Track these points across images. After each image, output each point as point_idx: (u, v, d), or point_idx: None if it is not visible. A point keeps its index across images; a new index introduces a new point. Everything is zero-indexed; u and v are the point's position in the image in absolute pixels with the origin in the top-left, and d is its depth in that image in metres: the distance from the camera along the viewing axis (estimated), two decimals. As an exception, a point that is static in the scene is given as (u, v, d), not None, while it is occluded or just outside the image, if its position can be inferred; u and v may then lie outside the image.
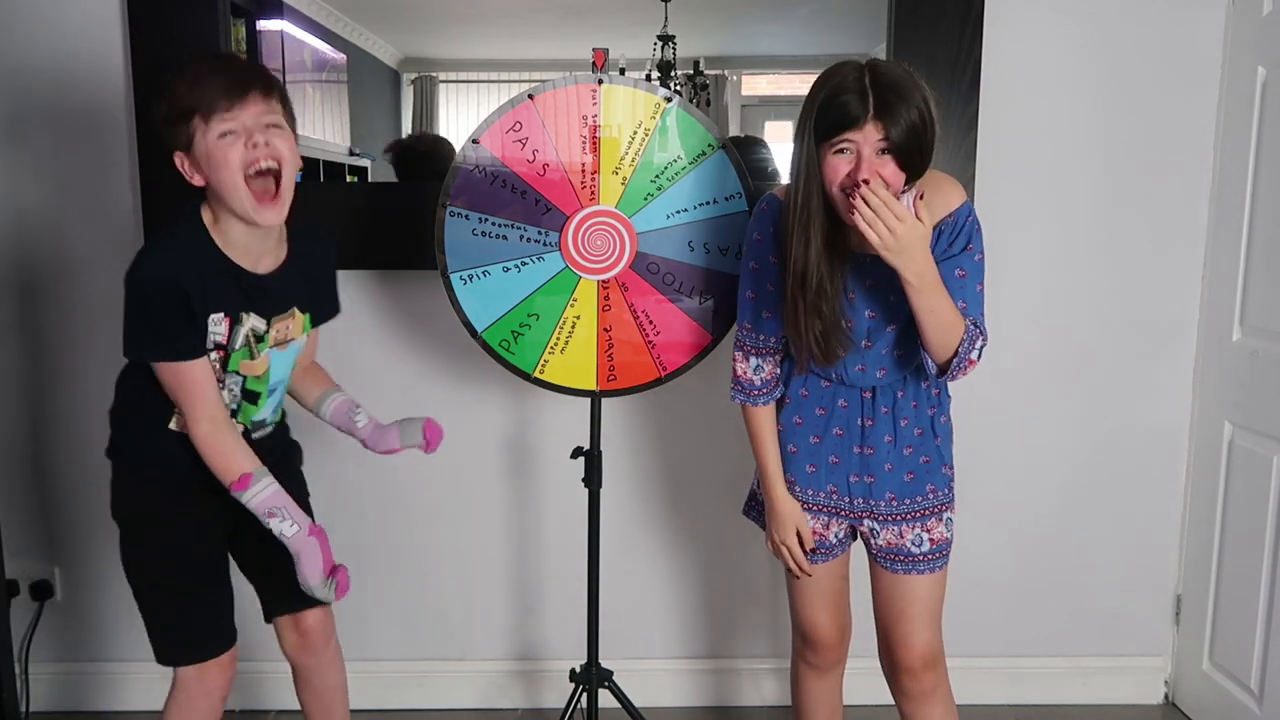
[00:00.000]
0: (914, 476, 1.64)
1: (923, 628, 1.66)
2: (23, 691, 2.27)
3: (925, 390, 1.63)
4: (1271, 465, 2.05)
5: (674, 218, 1.80)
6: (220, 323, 1.49)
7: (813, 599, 1.73)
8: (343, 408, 1.76)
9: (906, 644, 1.67)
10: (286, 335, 1.59)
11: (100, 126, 2.14)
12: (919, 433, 1.63)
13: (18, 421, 2.26)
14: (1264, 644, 2.08)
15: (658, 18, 2.17)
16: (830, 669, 1.79)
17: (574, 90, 1.75)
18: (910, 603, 1.66)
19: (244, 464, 1.51)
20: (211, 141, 1.41)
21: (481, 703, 2.39)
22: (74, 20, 2.09)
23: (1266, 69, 2.06)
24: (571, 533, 2.19)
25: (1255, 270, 2.11)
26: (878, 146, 1.41)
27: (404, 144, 2.37)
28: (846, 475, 1.65)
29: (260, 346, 1.55)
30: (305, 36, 2.29)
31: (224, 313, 1.49)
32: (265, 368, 1.57)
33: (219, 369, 1.53)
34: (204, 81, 1.42)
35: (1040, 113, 2.18)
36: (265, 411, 1.63)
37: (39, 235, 2.18)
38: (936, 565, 1.66)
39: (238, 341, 1.52)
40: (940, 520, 1.65)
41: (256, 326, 1.53)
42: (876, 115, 1.39)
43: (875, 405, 1.62)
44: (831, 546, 1.70)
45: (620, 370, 1.84)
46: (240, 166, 1.42)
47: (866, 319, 1.56)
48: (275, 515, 1.51)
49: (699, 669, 2.39)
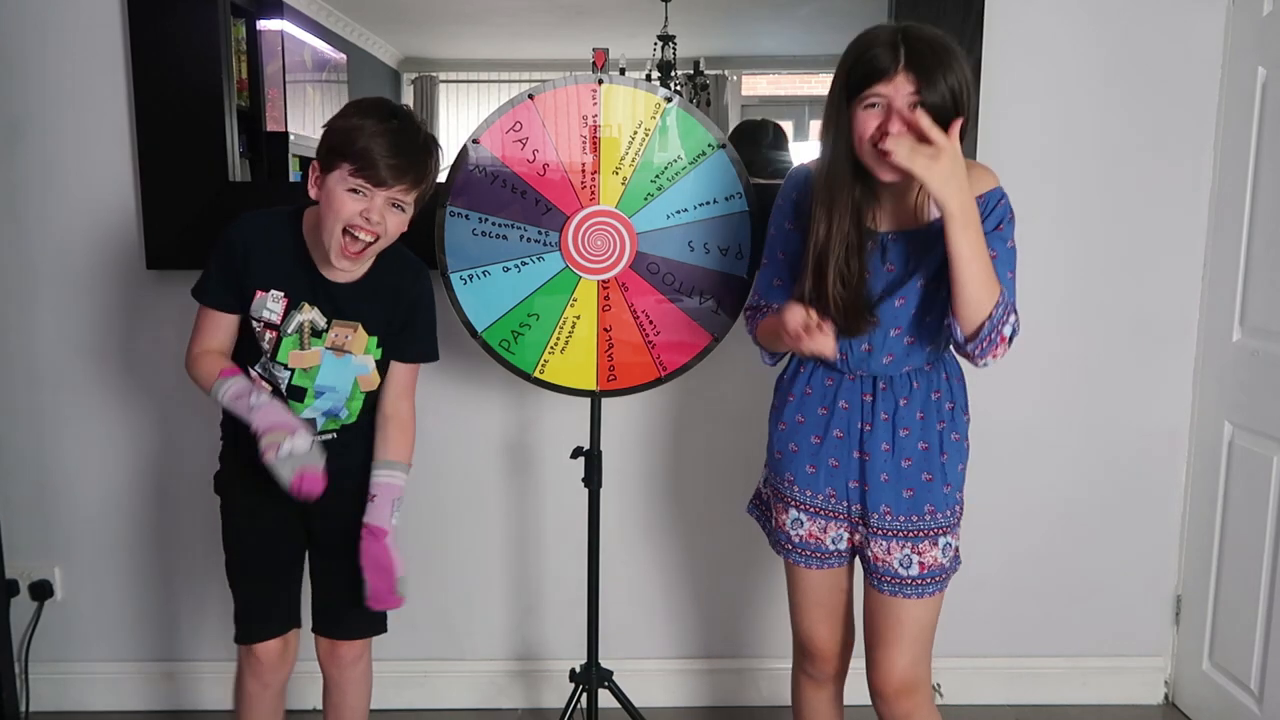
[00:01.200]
0: (913, 493, 1.56)
1: (900, 654, 1.59)
2: (23, 691, 2.27)
3: (935, 403, 1.56)
4: (1271, 465, 2.05)
5: (674, 218, 1.80)
6: (278, 300, 1.59)
7: (811, 610, 1.69)
8: (393, 491, 1.68)
9: (881, 668, 1.61)
10: (345, 344, 1.63)
11: (100, 128, 2.14)
12: (923, 446, 1.55)
13: (18, 421, 2.26)
14: (1264, 644, 2.08)
15: (658, 18, 2.18)
16: (829, 680, 1.75)
17: (574, 90, 1.76)
18: (890, 626, 1.59)
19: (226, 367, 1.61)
20: (340, 186, 1.52)
21: (481, 703, 2.39)
22: (74, 21, 2.09)
23: (1266, 69, 2.06)
24: (571, 533, 2.19)
25: (1255, 270, 2.11)
26: (909, 100, 1.36)
27: None
28: (846, 480, 1.59)
29: (315, 342, 1.61)
30: (305, 36, 2.29)
31: (284, 292, 1.59)
32: (315, 363, 1.62)
33: (268, 356, 1.61)
34: (376, 144, 1.50)
35: (1040, 113, 2.18)
36: (313, 413, 1.65)
37: (39, 235, 2.18)
38: (925, 591, 1.57)
39: (290, 326, 1.59)
40: (935, 545, 1.57)
41: (316, 321, 1.61)
42: (908, 66, 1.35)
43: (875, 410, 1.55)
44: (829, 554, 1.64)
45: (620, 370, 1.84)
46: (345, 220, 1.53)
47: (879, 293, 1.51)
48: (245, 395, 1.57)
49: (699, 669, 2.39)
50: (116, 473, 2.27)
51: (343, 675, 1.79)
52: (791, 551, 1.67)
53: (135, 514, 2.28)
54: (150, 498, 2.27)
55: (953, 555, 1.60)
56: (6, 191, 2.17)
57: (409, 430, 1.74)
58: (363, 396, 1.69)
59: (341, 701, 1.82)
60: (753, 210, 1.78)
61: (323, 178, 1.54)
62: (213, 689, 2.30)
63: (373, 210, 1.52)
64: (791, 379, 1.65)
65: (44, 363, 2.24)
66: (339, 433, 1.70)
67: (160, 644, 2.34)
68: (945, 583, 1.60)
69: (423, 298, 1.71)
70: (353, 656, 1.78)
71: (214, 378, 1.59)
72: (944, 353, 1.59)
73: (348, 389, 1.66)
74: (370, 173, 1.50)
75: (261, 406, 1.55)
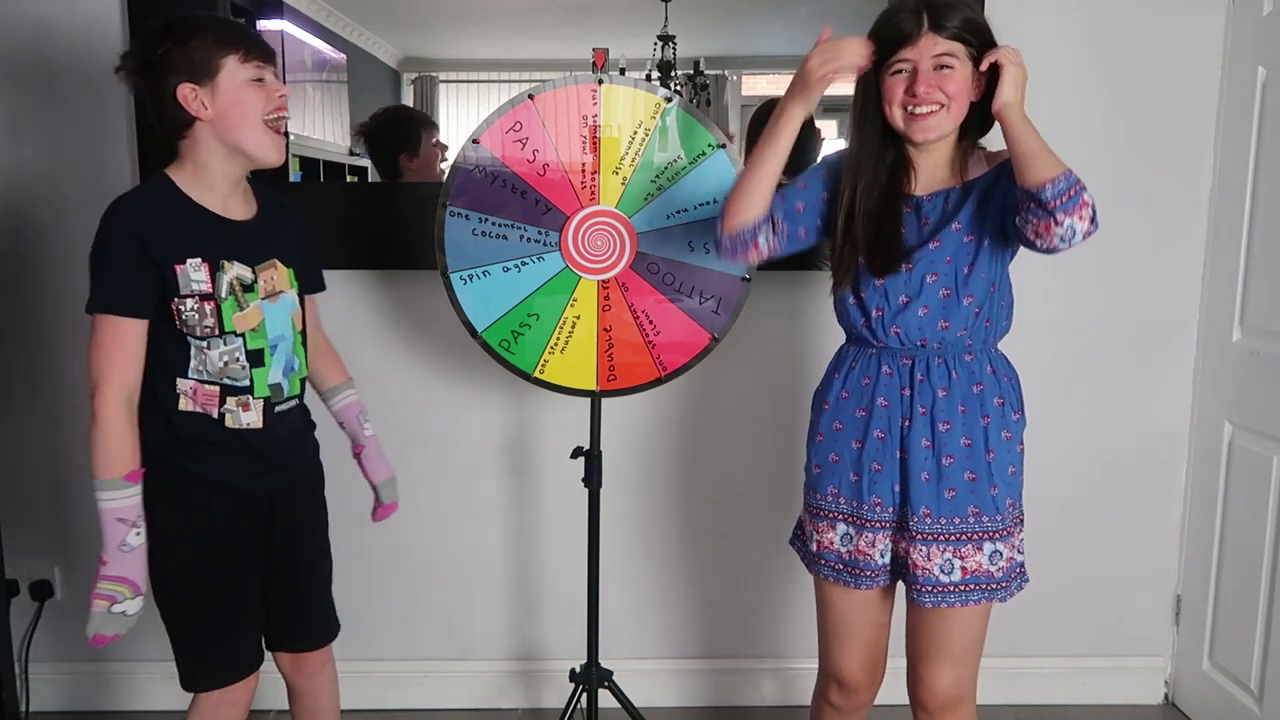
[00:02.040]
0: (956, 494, 1.49)
1: (943, 670, 1.54)
2: (23, 691, 2.26)
3: (978, 396, 1.50)
4: (1271, 465, 2.05)
5: (674, 218, 1.80)
6: (199, 268, 1.49)
7: (844, 645, 1.63)
8: (354, 409, 1.80)
9: (925, 684, 1.56)
10: (274, 286, 1.59)
11: (100, 128, 2.14)
12: (966, 443, 1.49)
13: (17, 421, 2.26)
14: (1264, 644, 2.08)
15: (658, 18, 2.17)
16: (855, 711, 1.68)
17: (574, 90, 1.76)
18: (934, 641, 1.54)
19: (137, 459, 1.48)
20: (240, 82, 1.49)
21: (481, 703, 2.39)
22: (74, 21, 2.09)
23: (1266, 69, 2.06)
24: (571, 533, 2.19)
25: (1255, 270, 2.11)
26: (935, 61, 1.42)
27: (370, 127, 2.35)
28: (890, 484, 1.52)
29: (249, 297, 1.54)
30: (305, 36, 2.29)
31: (201, 258, 1.49)
32: (259, 320, 1.56)
33: (215, 331, 1.51)
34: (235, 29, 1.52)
35: (1040, 112, 2.14)
36: (276, 373, 1.59)
37: (40, 235, 2.18)
38: (969, 599, 1.50)
39: (223, 289, 1.51)
40: (980, 550, 1.50)
41: (242, 275, 1.54)
42: (932, 28, 1.41)
43: (914, 404, 1.50)
44: (874, 571, 1.55)
45: (620, 370, 1.84)
46: (263, 114, 1.51)
47: (913, 245, 1.50)
48: (138, 527, 1.48)
49: (699, 669, 2.39)
50: (116, 473, 2.27)
51: (313, 682, 1.77)
52: (830, 569, 1.60)
53: (135, 514, 2.28)
54: (150, 498, 2.27)
55: (1004, 567, 1.51)
56: (7, 191, 2.17)
57: (335, 355, 1.81)
58: (301, 339, 1.65)
59: (316, 706, 1.80)
60: None
61: (204, 92, 1.47)
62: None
63: (279, 87, 1.53)
64: (826, 387, 1.62)
65: (44, 363, 2.24)
66: (294, 414, 1.65)
67: (160, 644, 2.33)
68: (994, 594, 1.52)
69: (300, 220, 1.71)
70: (320, 663, 1.77)
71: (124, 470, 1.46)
72: (990, 348, 1.55)
73: (290, 333, 1.62)
74: (261, 50, 1.50)
75: (131, 551, 1.47)
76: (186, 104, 1.47)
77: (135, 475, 1.47)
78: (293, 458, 1.65)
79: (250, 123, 1.50)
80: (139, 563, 1.49)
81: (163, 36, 1.47)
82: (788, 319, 2.26)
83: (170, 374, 1.51)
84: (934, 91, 1.43)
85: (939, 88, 1.43)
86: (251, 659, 1.63)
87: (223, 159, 1.52)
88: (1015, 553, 1.54)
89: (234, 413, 1.54)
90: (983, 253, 1.48)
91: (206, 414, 1.53)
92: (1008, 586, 1.54)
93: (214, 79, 1.47)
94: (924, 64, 1.42)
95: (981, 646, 1.57)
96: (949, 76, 1.43)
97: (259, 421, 1.56)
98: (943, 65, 1.43)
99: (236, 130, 1.50)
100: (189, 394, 1.52)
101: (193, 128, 1.50)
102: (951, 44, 1.42)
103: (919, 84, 1.42)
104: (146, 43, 1.48)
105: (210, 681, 1.60)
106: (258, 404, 1.56)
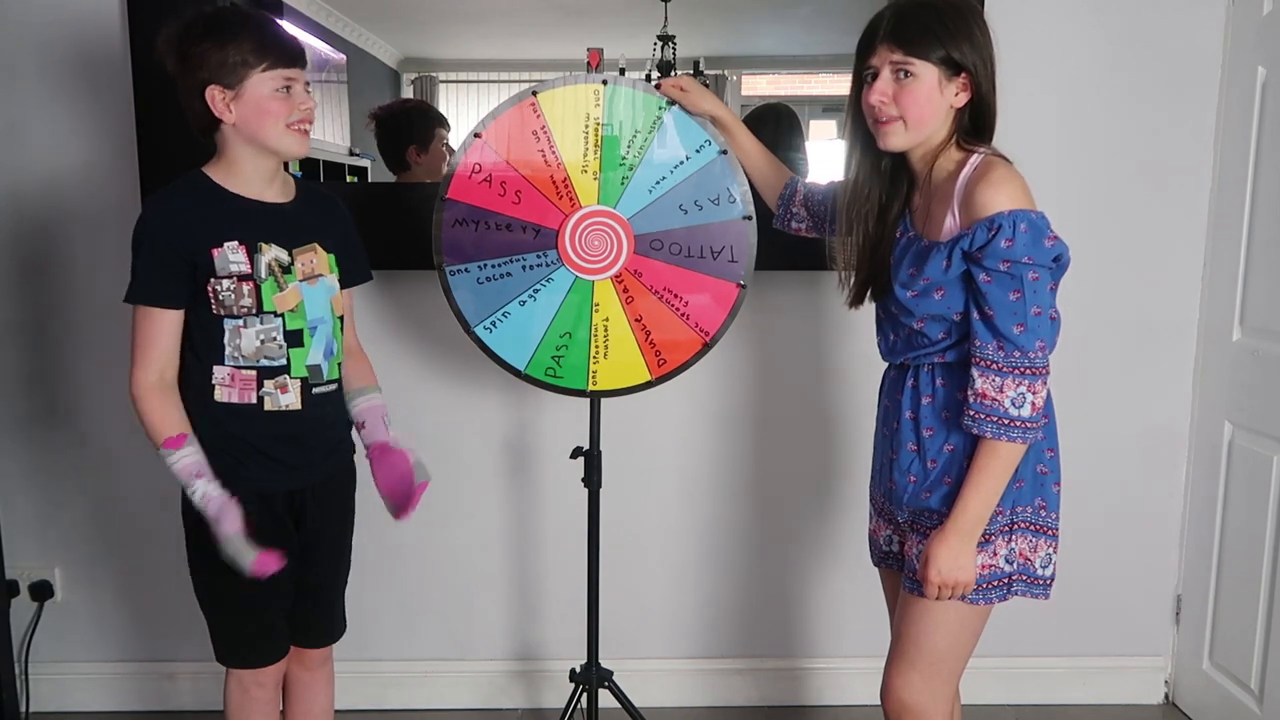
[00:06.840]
0: (931, 496, 1.46)
1: (896, 670, 1.49)
2: (23, 691, 2.27)
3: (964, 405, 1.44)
4: (1271, 465, 2.05)
5: (655, 189, 1.79)
6: (237, 250, 1.53)
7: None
8: (378, 410, 1.77)
9: (882, 682, 1.51)
10: (313, 269, 1.61)
11: (100, 128, 2.14)
12: (949, 449, 1.45)
13: (17, 420, 2.26)
14: (1264, 644, 2.08)
15: (657, 18, 2.17)
16: None
17: (518, 112, 1.76)
18: (896, 636, 1.51)
19: (181, 424, 1.52)
20: (265, 94, 1.51)
21: (481, 703, 2.39)
22: (74, 21, 2.09)
23: (1266, 69, 2.06)
24: (571, 533, 2.19)
25: (1255, 270, 2.11)
26: (893, 69, 1.40)
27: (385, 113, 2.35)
28: (886, 478, 1.56)
29: (288, 278, 1.57)
30: (305, 36, 2.29)
31: (238, 240, 1.53)
32: (298, 300, 1.58)
33: (253, 309, 1.54)
34: (265, 33, 1.52)
35: (1040, 113, 2.18)
36: (317, 354, 1.61)
37: (40, 235, 2.18)
38: (915, 588, 1.44)
39: (262, 270, 1.54)
40: None
41: (280, 257, 1.57)
42: (888, 36, 1.39)
43: (903, 408, 1.50)
44: (886, 555, 1.63)
45: (666, 351, 1.83)
46: (286, 121, 1.54)
47: None
48: (203, 476, 1.51)
49: (699, 669, 2.39)
50: (116, 473, 2.27)
51: (313, 676, 1.80)
52: (872, 554, 1.69)
53: (135, 515, 2.28)
54: (150, 498, 2.26)
55: (983, 572, 1.42)
56: (7, 192, 2.17)
57: (364, 357, 1.80)
58: (339, 324, 1.67)
59: (313, 701, 1.82)
60: (723, 149, 1.77)
61: (231, 95, 1.50)
62: (213, 689, 2.27)
63: (305, 99, 1.55)
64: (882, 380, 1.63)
65: (44, 363, 2.24)
66: (333, 400, 1.67)
67: (160, 644, 2.34)
68: (966, 597, 1.42)
69: (344, 210, 1.73)
70: (322, 658, 1.80)
71: (162, 438, 1.51)
72: None
73: (330, 316, 1.64)
74: (292, 59, 1.52)
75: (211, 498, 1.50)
76: (212, 104, 1.51)
77: (172, 441, 1.51)
78: (329, 454, 1.68)
79: (270, 127, 1.53)
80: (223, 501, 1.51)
81: (205, 33, 1.50)
82: (788, 318, 2.26)
83: (206, 363, 1.55)
84: (885, 104, 1.41)
85: (894, 99, 1.40)
86: (280, 645, 1.69)
87: (252, 155, 1.56)
88: (998, 562, 1.44)
89: (272, 395, 1.57)
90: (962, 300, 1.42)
91: (244, 403, 1.55)
92: (983, 594, 1.44)
93: (241, 85, 1.50)
94: (885, 70, 1.41)
95: (950, 663, 1.48)
96: (908, 87, 1.40)
97: (297, 403, 1.59)
98: (902, 73, 1.40)
99: (260, 134, 1.54)
100: (225, 381, 1.55)
101: (220, 127, 1.54)
102: (908, 56, 1.39)
103: (869, 94, 1.42)
104: (188, 36, 1.50)
105: (241, 661, 1.66)
106: (295, 385, 1.58)
